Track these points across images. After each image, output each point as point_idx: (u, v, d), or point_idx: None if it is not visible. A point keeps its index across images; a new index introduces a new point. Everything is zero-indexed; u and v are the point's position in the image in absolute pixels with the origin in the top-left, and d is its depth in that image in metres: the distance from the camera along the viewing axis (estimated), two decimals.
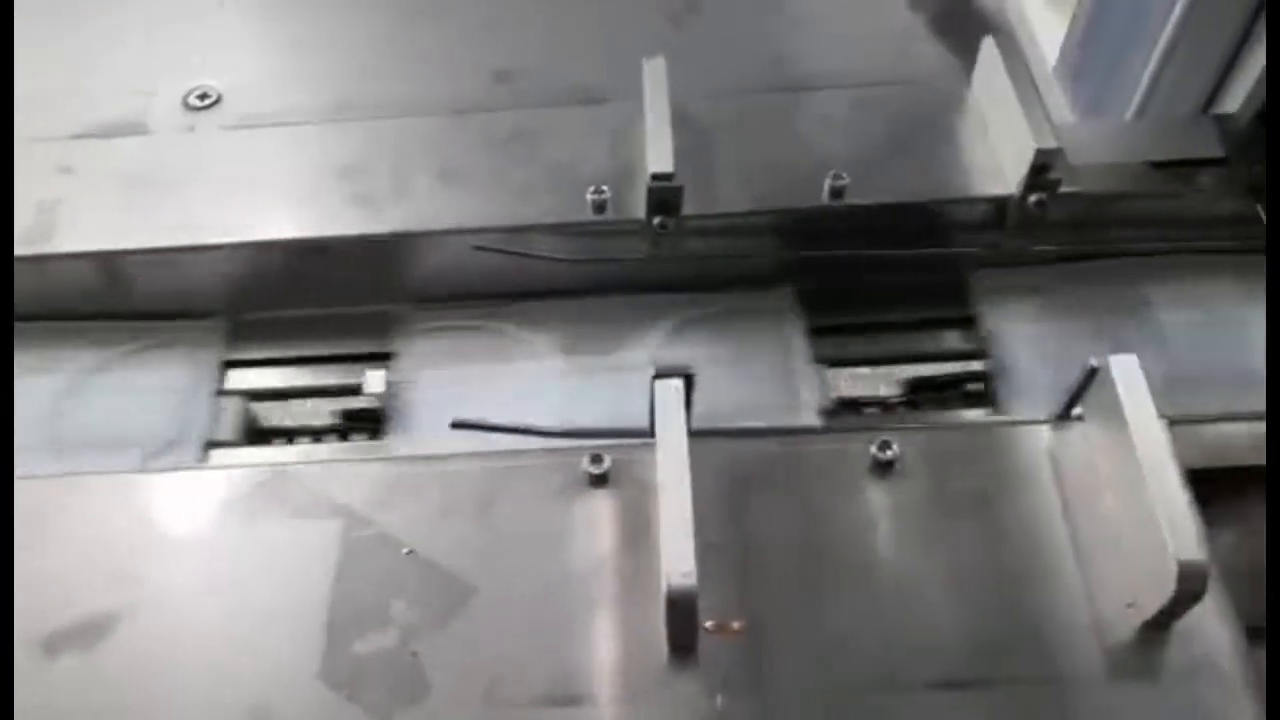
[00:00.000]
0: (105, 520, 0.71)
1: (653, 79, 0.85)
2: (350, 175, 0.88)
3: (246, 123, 0.93)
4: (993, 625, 0.64)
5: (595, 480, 0.71)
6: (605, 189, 0.84)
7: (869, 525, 0.69)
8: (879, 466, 0.71)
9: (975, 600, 0.65)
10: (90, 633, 0.66)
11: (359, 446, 0.82)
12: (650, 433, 0.67)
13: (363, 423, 0.83)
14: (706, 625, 0.64)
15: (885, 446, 0.70)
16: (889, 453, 0.70)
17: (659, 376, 0.68)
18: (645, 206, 0.81)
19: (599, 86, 0.94)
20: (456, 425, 0.74)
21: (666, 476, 0.64)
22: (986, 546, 0.68)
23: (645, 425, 0.69)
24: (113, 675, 0.64)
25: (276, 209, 0.86)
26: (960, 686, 0.62)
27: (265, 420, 0.84)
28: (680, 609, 0.61)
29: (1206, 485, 0.77)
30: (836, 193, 0.84)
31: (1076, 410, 0.73)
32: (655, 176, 0.79)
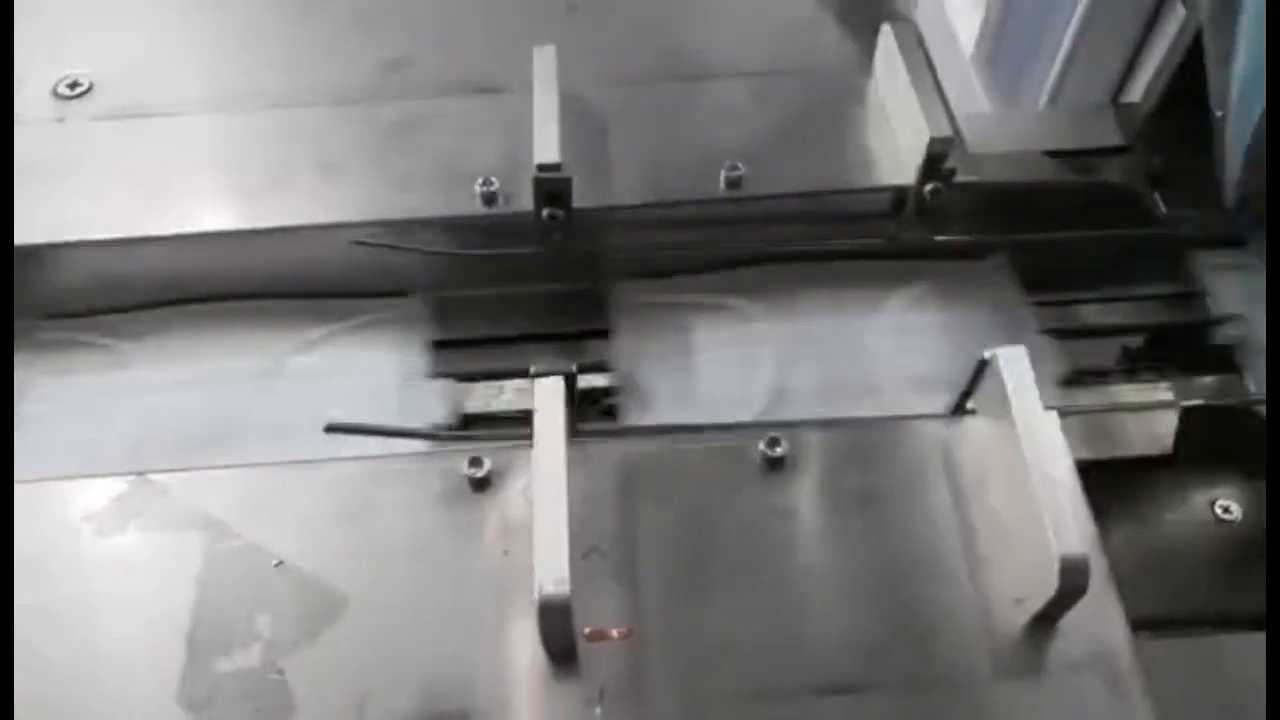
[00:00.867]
0: None
1: (542, 67, 0.83)
2: (226, 168, 0.84)
3: (119, 113, 0.89)
4: (880, 626, 0.63)
5: (476, 484, 0.68)
6: (494, 181, 0.81)
7: (758, 525, 0.67)
8: (769, 464, 0.69)
9: (863, 601, 0.64)
10: None
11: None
12: None
13: None
14: (585, 633, 0.61)
15: (774, 444, 0.68)
16: (778, 450, 0.68)
17: (536, 376, 0.65)
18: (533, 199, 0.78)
19: (493, 76, 0.91)
20: (330, 429, 0.70)
21: (541, 480, 0.61)
22: (877, 545, 0.66)
23: None
24: None
25: (147, 204, 0.82)
26: (845, 691, 0.60)
27: None
28: (553, 618, 0.58)
29: (1104, 477, 0.77)
30: (733, 183, 0.82)
31: (971, 405, 0.72)
32: (542, 167, 0.76)
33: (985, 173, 0.85)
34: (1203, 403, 0.73)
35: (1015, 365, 0.65)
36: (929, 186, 0.79)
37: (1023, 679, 0.61)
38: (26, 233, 0.80)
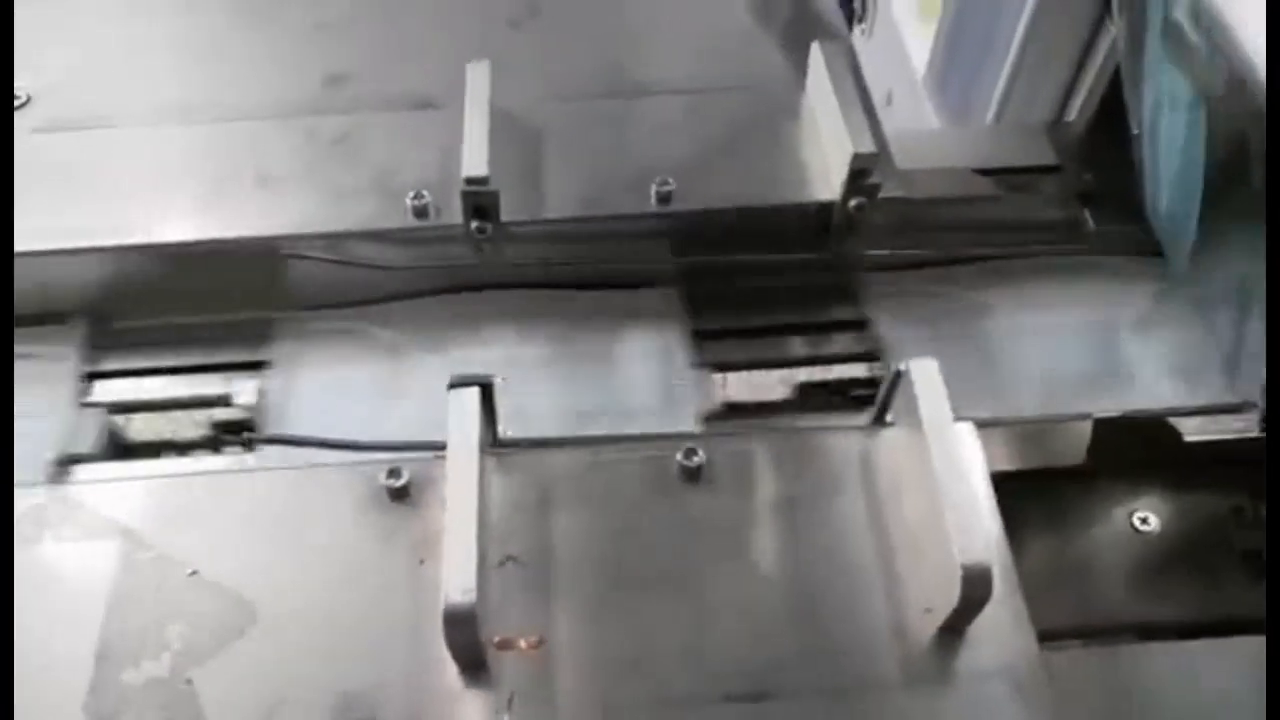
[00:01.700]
0: None
1: (475, 83, 0.83)
2: (164, 180, 0.84)
3: (57, 125, 0.89)
4: (792, 635, 0.63)
5: (394, 494, 0.68)
6: (426, 194, 0.81)
7: (673, 535, 0.67)
8: (687, 474, 0.69)
9: (776, 610, 0.64)
10: None
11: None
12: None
13: None
14: (495, 641, 0.62)
15: (691, 454, 0.69)
16: (695, 460, 0.69)
17: (454, 385, 0.66)
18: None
19: (433, 92, 0.91)
20: (250, 439, 0.71)
21: (453, 489, 0.62)
22: (791, 554, 0.67)
23: None
24: None
25: (82, 216, 0.82)
26: (753, 699, 0.61)
27: None
28: (458, 626, 0.58)
29: (1025, 488, 0.78)
30: (663, 198, 0.82)
31: (891, 416, 0.72)
32: (469, 180, 0.77)
33: (915, 189, 0.86)
34: (1116, 414, 0.74)
35: (926, 376, 0.66)
36: (853, 202, 0.80)
37: (929, 687, 0.62)
38: None
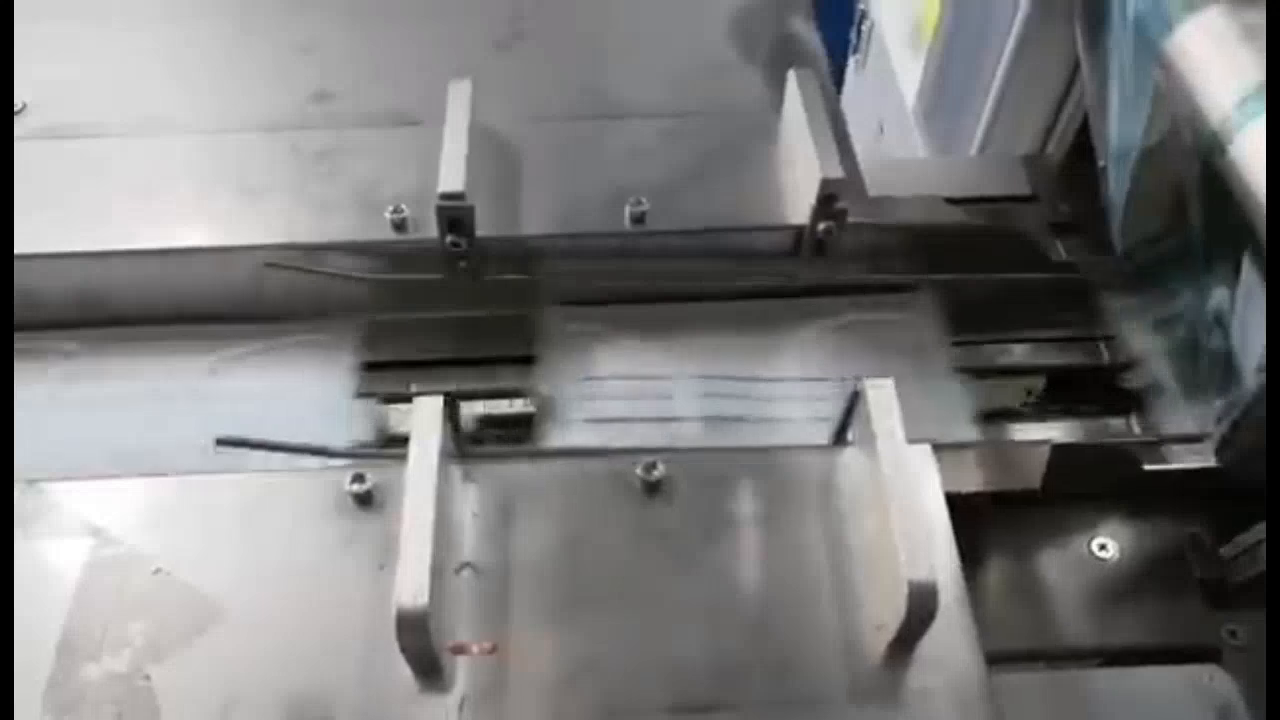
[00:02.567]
0: None
1: (456, 101, 0.85)
2: (150, 190, 0.86)
3: (50, 134, 0.91)
4: (744, 649, 0.64)
5: (358, 500, 0.69)
6: (404, 208, 0.83)
7: (631, 547, 0.68)
8: (647, 488, 0.70)
9: (730, 624, 0.65)
10: None
11: None
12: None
13: None
14: (449, 646, 0.63)
15: (651, 468, 0.70)
16: (655, 474, 0.70)
17: (416, 395, 0.67)
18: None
19: (417, 110, 0.93)
20: (221, 443, 0.72)
21: (411, 496, 0.63)
22: (747, 570, 0.68)
23: None
24: None
25: (70, 223, 0.84)
26: (701, 711, 0.62)
27: None
28: (411, 630, 0.59)
29: (985, 511, 0.79)
30: (637, 218, 0.84)
31: (850, 435, 0.74)
32: (445, 195, 0.79)
33: (885, 215, 0.87)
34: (1073, 441, 0.75)
35: (881, 397, 0.67)
36: (822, 225, 0.82)
37: (876, 703, 0.62)
38: None
